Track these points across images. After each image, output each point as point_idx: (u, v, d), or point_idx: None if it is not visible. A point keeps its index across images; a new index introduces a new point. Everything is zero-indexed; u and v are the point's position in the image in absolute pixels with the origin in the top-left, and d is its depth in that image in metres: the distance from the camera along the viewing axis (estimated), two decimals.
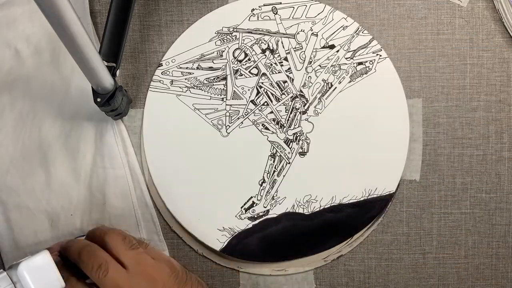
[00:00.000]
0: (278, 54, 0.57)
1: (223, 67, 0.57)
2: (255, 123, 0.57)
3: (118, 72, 0.52)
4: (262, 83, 0.57)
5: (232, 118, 0.57)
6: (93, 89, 0.49)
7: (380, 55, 0.56)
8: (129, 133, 0.58)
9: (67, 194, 0.57)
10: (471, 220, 0.57)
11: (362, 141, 0.56)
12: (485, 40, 0.57)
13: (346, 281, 0.58)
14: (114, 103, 0.51)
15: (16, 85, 0.57)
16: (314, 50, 0.56)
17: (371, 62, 0.56)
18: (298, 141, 0.57)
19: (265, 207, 0.57)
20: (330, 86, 0.57)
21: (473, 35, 0.57)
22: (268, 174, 0.57)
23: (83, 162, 0.57)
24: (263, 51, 0.57)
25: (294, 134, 0.57)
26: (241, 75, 0.57)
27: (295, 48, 0.57)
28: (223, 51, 0.57)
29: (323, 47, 0.57)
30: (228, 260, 0.57)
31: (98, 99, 0.49)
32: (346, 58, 0.56)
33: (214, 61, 0.57)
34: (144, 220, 0.57)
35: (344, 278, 0.58)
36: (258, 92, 0.57)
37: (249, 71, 0.57)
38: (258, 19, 0.57)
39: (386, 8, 0.57)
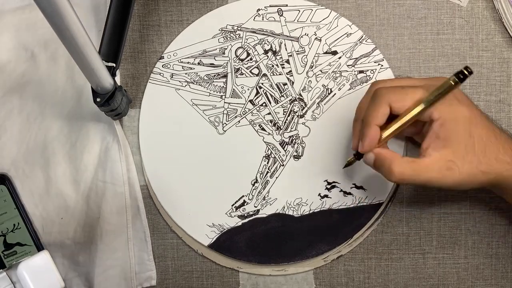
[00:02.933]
0: (280, 56, 0.57)
1: (225, 64, 0.57)
2: (252, 123, 0.57)
3: (117, 72, 0.52)
4: (262, 83, 0.57)
5: (229, 116, 0.57)
6: (92, 89, 0.49)
7: (382, 65, 0.56)
8: (128, 133, 0.57)
9: (64, 202, 0.57)
10: (471, 220, 0.57)
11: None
12: (484, 40, 0.56)
13: (346, 281, 0.58)
14: (114, 103, 0.51)
15: (27, 88, 0.57)
16: (317, 55, 0.56)
17: (372, 71, 0.56)
18: (294, 144, 0.57)
19: (256, 207, 0.57)
20: (329, 92, 0.57)
21: (473, 35, 0.56)
22: (261, 175, 0.57)
23: (85, 174, 0.57)
24: (266, 52, 0.57)
25: (290, 137, 0.57)
26: (242, 74, 0.57)
27: (298, 51, 0.57)
28: (226, 48, 0.57)
29: (326, 53, 0.56)
30: (228, 260, 0.57)
31: (98, 99, 0.50)
32: (347, 65, 0.56)
33: (216, 58, 0.57)
34: (136, 238, 0.57)
35: (344, 278, 0.58)
36: (257, 93, 0.57)
37: (250, 71, 0.57)
38: (263, 19, 0.57)
39: (385, 8, 0.57)
